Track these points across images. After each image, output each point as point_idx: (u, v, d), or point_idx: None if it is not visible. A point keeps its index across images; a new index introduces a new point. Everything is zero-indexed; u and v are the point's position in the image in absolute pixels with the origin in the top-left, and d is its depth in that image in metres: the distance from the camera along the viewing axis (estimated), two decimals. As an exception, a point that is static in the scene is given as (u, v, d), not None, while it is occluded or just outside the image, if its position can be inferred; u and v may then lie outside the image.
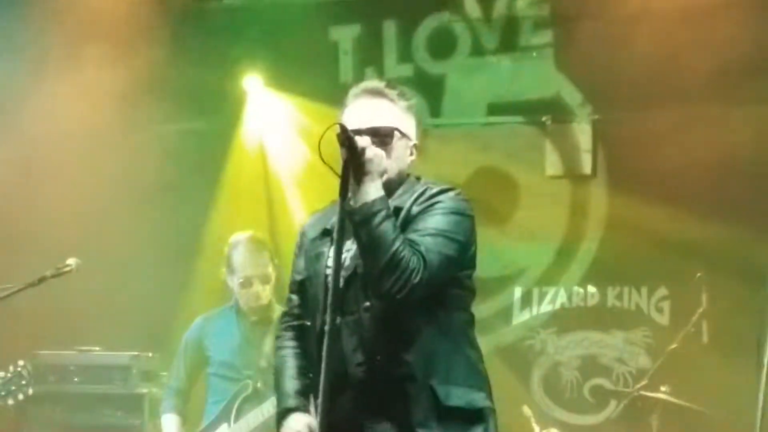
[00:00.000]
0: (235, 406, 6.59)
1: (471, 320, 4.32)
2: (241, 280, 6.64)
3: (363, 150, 4.02)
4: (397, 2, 9.20)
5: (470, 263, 4.26)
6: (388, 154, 4.15)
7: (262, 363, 6.55)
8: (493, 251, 8.44)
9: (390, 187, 4.16)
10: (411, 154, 4.29)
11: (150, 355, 7.89)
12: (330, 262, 4.11)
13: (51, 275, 6.49)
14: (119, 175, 9.07)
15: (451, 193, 4.23)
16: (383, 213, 3.99)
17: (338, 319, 4.03)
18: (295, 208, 9.08)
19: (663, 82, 8.34)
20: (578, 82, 8.90)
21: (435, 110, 9.22)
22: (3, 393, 6.80)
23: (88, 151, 9.11)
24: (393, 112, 4.24)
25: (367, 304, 4.08)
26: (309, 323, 4.27)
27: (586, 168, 8.81)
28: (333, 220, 4.14)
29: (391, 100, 4.26)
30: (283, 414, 4.27)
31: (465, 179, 8.90)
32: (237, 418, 6.59)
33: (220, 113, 9.37)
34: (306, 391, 4.27)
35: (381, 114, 4.20)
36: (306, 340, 4.31)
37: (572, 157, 8.84)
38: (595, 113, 8.84)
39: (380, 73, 9.29)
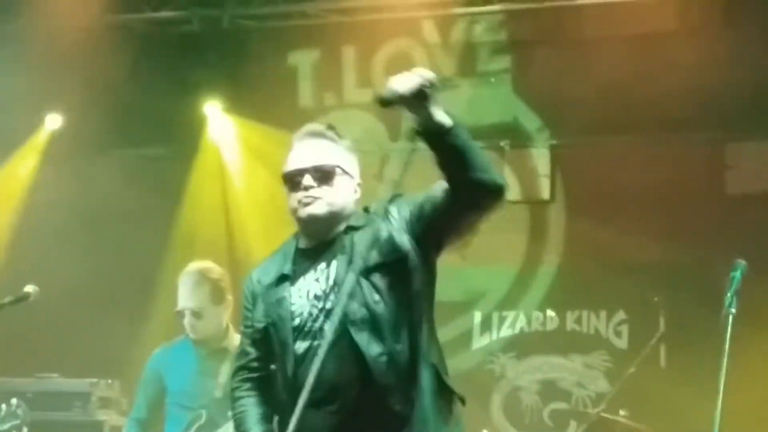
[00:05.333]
0: None
1: None
2: (177, 310, 6.65)
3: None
4: (356, 27, 9.22)
5: None
6: (333, 190, 4.28)
7: (216, 393, 6.50)
8: (452, 276, 8.46)
9: (337, 220, 4.27)
10: (355, 192, 4.39)
11: (109, 381, 7.85)
12: (294, 301, 4.23)
13: (9, 302, 6.46)
14: (78, 200, 9.05)
15: None
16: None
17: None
18: (254, 233, 9.06)
19: (619, 107, 8.41)
20: (536, 108, 8.96)
21: (394, 135, 9.25)
22: None
23: (46, 177, 9.09)
24: (335, 151, 4.35)
25: (377, 297, 4.16)
26: (274, 367, 4.30)
27: (545, 193, 8.86)
28: (287, 266, 4.28)
29: (332, 140, 4.37)
30: None
31: (424, 204, 8.93)
32: None
33: (180, 139, 9.36)
34: None
35: (324, 152, 4.32)
36: (266, 390, 4.35)
37: (530, 182, 8.89)
38: (553, 138, 8.90)
39: (339, 98, 9.33)
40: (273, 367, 4.31)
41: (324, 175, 4.27)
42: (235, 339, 6.46)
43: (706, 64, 8.10)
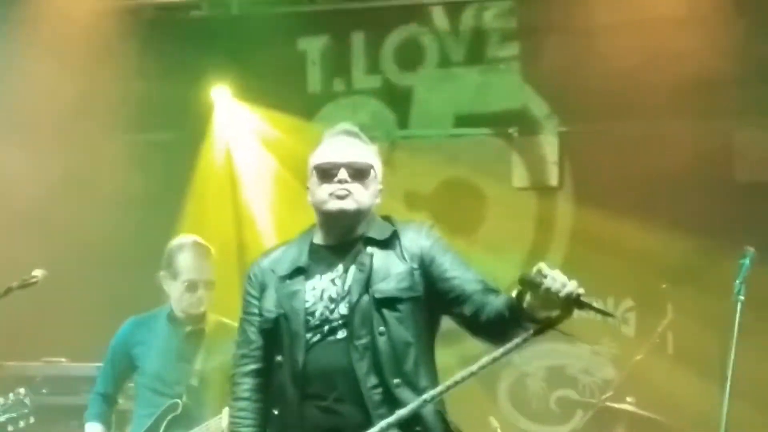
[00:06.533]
0: (163, 425, 6.38)
1: None
2: (186, 284, 6.37)
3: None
4: (366, 13, 9.21)
5: None
6: (364, 189, 4.35)
7: (193, 381, 6.36)
8: (460, 262, 8.43)
9: (360, 220, 4.35)
10: (377, 197, 4.47)
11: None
12: (308, 297, 4.28)
13: (17, 287, 6.45)
14: (86, 184, 9.05)
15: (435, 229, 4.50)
16: None
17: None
18: (261, 219, 9.06)
19: (628, 95, 8.38)
20: (545, 94, 8.95)
21: (403, 122, 9.26)
22: (3, 419, 6.77)
23: (54, 161, 9.09)
24: (368, 152, 4.45)
25: (382, 328, 4.23)
26: (280, 359, 4.32)
27: (553, 180, 8.85)
28: (303, 259, 4.34)
29: (365, 142, 4.48)
30: None
31: (432, 190, 8.96)
32: None
33: (188, 124, 9.35)
34: None
35: (358, 151, 4.41)
36: (266, 383, 4.38)
37: (539, 169, 8.88)
38: (562, 125, 8.88)
39: (348, 84, 9.32)
40: (279, 358, 4.33)
41: (358, 173, 4.35)
42: (212, 321, 6.41)
43: (716, 51, 8.08)
